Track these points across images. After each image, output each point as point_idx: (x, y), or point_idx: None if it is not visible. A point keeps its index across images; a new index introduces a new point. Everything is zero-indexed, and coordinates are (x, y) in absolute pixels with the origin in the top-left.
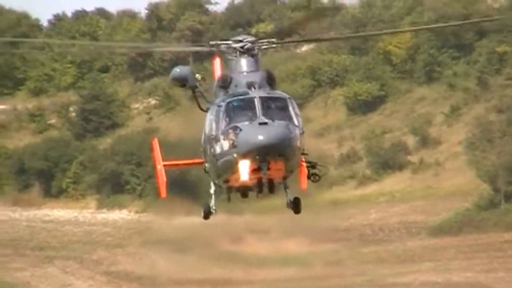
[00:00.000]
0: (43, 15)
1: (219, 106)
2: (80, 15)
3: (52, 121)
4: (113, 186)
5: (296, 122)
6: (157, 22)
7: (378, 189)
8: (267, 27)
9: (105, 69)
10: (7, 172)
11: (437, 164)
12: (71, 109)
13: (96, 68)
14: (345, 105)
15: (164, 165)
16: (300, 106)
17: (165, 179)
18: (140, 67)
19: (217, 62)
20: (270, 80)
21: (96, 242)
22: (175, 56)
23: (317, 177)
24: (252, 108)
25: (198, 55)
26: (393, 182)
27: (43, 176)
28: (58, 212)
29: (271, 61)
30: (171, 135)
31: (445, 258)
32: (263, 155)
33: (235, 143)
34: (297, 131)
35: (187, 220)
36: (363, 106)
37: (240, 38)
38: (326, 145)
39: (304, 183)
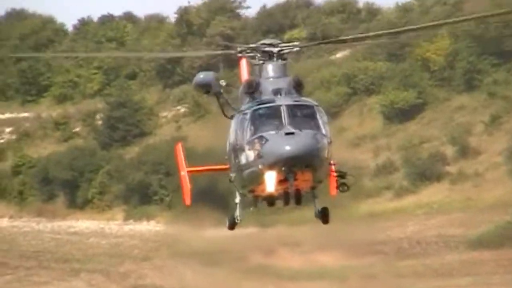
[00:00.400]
0: (69, 19)
1: (244, 114)
2: (107, 19)
3: (77, 129)
4: (141, 197)
5: (324, 131)
6: (186, 27)
7: (415, 201)
8: (300, 32)
9: (132, 76)
10: (31, 182)
11: (477, 175)
12: (97, 117)
13: (123, 75)
14: (381, 113)
15: (189, 172)
16: (335, 114)
17: (189, 186)
18: (169, 73)
19: (243, 63)
20: (298, 87)
21: (123, 254)
22: (205, 62)
23: (346, 187)
24: (278, 116)
25: (228, 61)
26: (431, 193)
27: (68, 186)
28: (84, 224)
29: (305, 67)
30: (200, 144)
31: (485, 272)
32: (290, 166)
33: (261, 153)
34: (325, 141)
35: (217, 232)
36: (400, 115)
37: (267, 42)
38: (362, 155)
39: (333, 189)
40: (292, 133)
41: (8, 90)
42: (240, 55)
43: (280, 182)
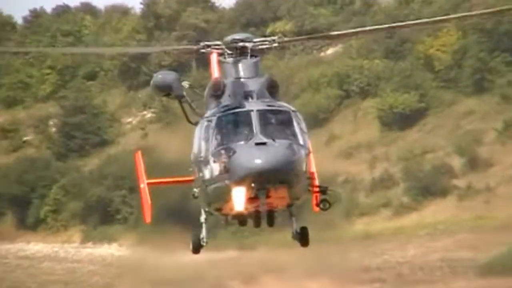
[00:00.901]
0: (18, 11)
1: (209, 121)
2: (62, 11)
3: (28, 137)
4: (101, 216)
5: (301, 141)
6: (154, 19)
7: (417, 220)
8: (285, 26)
9: (91, 76)
10: None
11: (488, 190)
12: (50, 123)
13: (81, 75)
14: (378, 119)
15: (149, 184)
16: (325, 120)
17: (149, 200)
18: (133, 73)
19: (214, 60)
20: (272, 88)
21: (80, 282)
22: (175, 60)
23: (327, 205)
24: (248, 124)
25: (202, 59)
26: (435, 211)
27: (17, 203)
28: (36, 247)
29: (290, 66)
30: (169, 154)
31: None
32: (261, 182)
33: (228, 167)
34: (303, 152)
35: (190, 256)
36: (400, 121)
37: (236, 37)
38: (356, 167)
39: (316, 203)
40: (264, 144)
41: None
42: (204, 51)
43: (251, 199)
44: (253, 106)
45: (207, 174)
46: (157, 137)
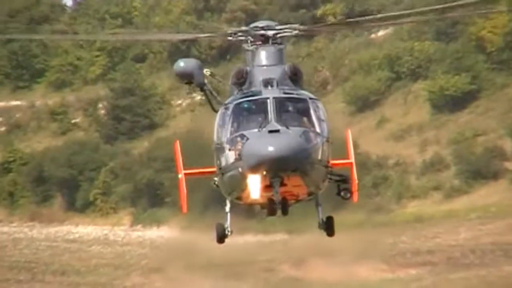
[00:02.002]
0: None
1: (226, 108)
2: None
3: (77, 120)
4: (151, 199)
5: (318, 129)
6: (203, 1)
7: (468, 203)
8: (335, 8)
9: (141, 58)
10: (23, 181)
11: None
12: (99, 105)
13: (130, 57)
14: (429, 101)
15: (186, 174)
16: (375, 102)
17: (185, 191)
18: (183, 55)
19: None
20: (294, 76)
21: (129, 265)
22: (225, 42)
23: (348, 194)
24: (264, 111)
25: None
26: (487, 194)
27: (66, 186)
28: (84, 230)
29: (340, 48)
30: None
31: None
32: (273, 170)
33: (240, 155)
34: (319, 140)
35: (240, 240)
36: (451, 103)
37: (261, 24)
38: (406, 149)
39: (355, 195)
40: (277, 131)
41: None
42: (230, 38)
43: (266, 188)
44: (270, 93)
45: (223, 161)
46: (207, 120)
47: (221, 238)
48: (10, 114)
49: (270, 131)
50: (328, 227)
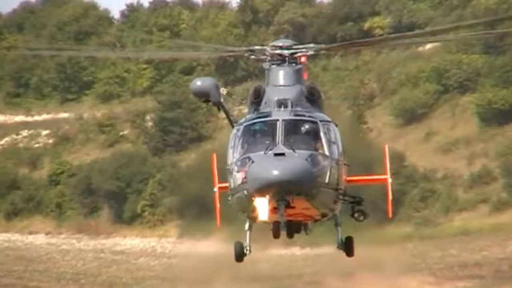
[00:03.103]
0: (114, 5)
1: (238, 129)
2: (159, 5)
3: (125, 132)
4: (198, 210)
5: (327, 152)
6: (251, 14)
7: None
8: (383, 20)
9: (188, 71)
10: (71, 193)
11: None
12: (147, 118)
13: (178, 69)
14: (477, 114)
15: (220, 188)
16: (423, 115)
17: (218, 205)
18: (231, 68)
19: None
20: (312, 96)
21: (177, 278)
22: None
23: (361, 217)
24: (273, 134)
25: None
26: None
27: (113, 198)
28: (132, 241)
29: (387, 61)
30: None
31: None
32: (277, 193)
33: (246, 177)
34: (327, 163)
35: (286, 252)
36: (499, 116)
37: (279, 43)
38: (454, 162)
39: (390, 210)
40: (282, 154)
41: (45, 87)
42: (249, 56)
43: (274, 210)
44: (281, 115)
45: (232, 183)
46: None
47: (239, 256)
48: (58, 126)
49: (276, 154)
50: (347, 247)
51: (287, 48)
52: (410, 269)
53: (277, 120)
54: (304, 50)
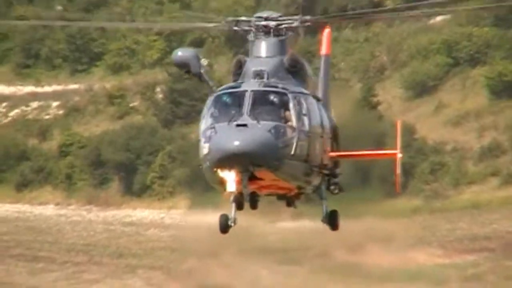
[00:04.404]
0: None
1: (209, 99)
2: None
3: (135, 104)
4: (208, 182)
5: (295, 124)
6: None
7: None
8: None
9: (199, 43)
10: (81, 165)
11: None
12: (157, 89)
13: (188, 41)
14: (487, 87)
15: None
16: (433, 88)
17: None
18: (241, 40)
19: (326, 34)
20: (293, 68)
21: (186, 249)
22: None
23: (336, 190)
24: (240, 104)
25: (310, 27)
26: None
27: (123, 169)
28: (141, 213)
29: (398, 33)
30: None
31: None
32: (234, 164)
33: (208, 148)
34: (294, 134)
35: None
36: (509, 89)
37: (263, 14)
38: (464, 135)
39: (398, 185)
40: (244, 125)
41: (55, 58)
42: (235, 28)
43: (240, 181)
44: (250, 86)
45: (200, 153)
46: None
47: (224, 228)
48: (68, 98)
49: (238, 125)
50: (332, 221)
51: (272, 19)
52: (420, 241)
53: (246, 91)
54: (289, 21)
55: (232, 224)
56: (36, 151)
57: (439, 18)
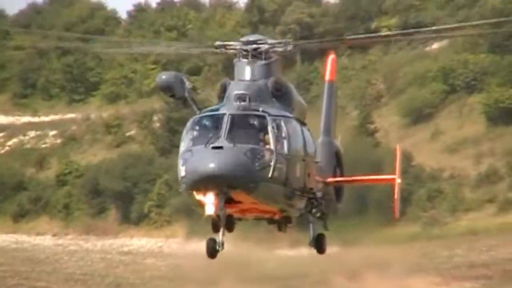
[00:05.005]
0: (121, 5)
1: (189, 122)
2: (166, 6)
3: (132, 132)
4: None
5: (273, 146)
6: (258, 14)
7: None
8: (390, 20)
9: (195, 71)
10: (78, 194)
11: None
12: (154, 118)
13: (185, 70)
14: (484, 114)
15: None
16: (430, 115)
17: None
18: None
19: (330, 60)
20: (277, 92)
21: (184, 278)
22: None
23: (318, 213)
24: (218, 128)
25: (308, 53)
26: None
27: (120, 198)
28: (139, 242)
29: (395, 61)
30: None
31: None
32: (208, 187)
33: (184, 170)
34: (272, 157)
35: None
36: (506, 116)
37: (250, 38)
38: (461, 162)
39: (396, 210)
40: (220, 148)
41: (52, 87)
42: (217, 51)
43: (219, 204)
44: (229, 109)
45: (178, 176)
46: None
47: (211, 251)
48: (65, 127)
49: (214, 148)
50: (318, 244)
51: (258, 43)
52: (418, 269)
53: (224, 114)
54: (276, 45)
55: (220, 249)
56: (33, 180)
57: (435, 46)
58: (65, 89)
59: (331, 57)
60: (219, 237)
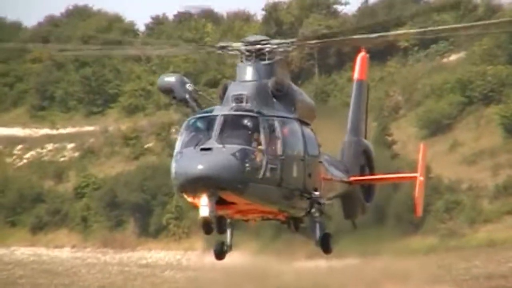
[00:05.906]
0: (139, 17)
1: (184, 124)
2: (184, 18)
3: (150, 144)
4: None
5: (266, 147)
6: (276, 26)
7: None
8: (408, 29)
9: (213, 83)
10: (96, 207)
11: None
12: (172, 130)
13: (203, 82)
14: (502, 125)
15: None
16: (447, 127)
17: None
18: None
19: (360, 59)
20: (279, 92)
21: None
22: (297, 66)
23: (317, 213)
24: (209, 129)
25: (326, 65)
26: None
27: (139, 211)
28: (157, 254)
29: (413, 73)
30: None
31: None
32: (195, 188)
33: (174, 172)
34: (263, 158)
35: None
36: None
37: (251, 39)
38: (479, 174)
39: (419, 209)
40: (209, 149)
41: (70, 100)
42: (220, 52)
43: (212, 205)
44: (222, 110)
45: (171, 177)
46: None
47: (219, 254)
48: (83, 140)
49: (202, 149)
50: (324, 244)
51: (260, 43)
52: (436, 280)
53: (217, 115)
54: (275, 46)
55: (228, 250)
56: (51, 193)
57: (453, 57)
58: (83, 101)
59: (361, 55)
60: (226, 238)
